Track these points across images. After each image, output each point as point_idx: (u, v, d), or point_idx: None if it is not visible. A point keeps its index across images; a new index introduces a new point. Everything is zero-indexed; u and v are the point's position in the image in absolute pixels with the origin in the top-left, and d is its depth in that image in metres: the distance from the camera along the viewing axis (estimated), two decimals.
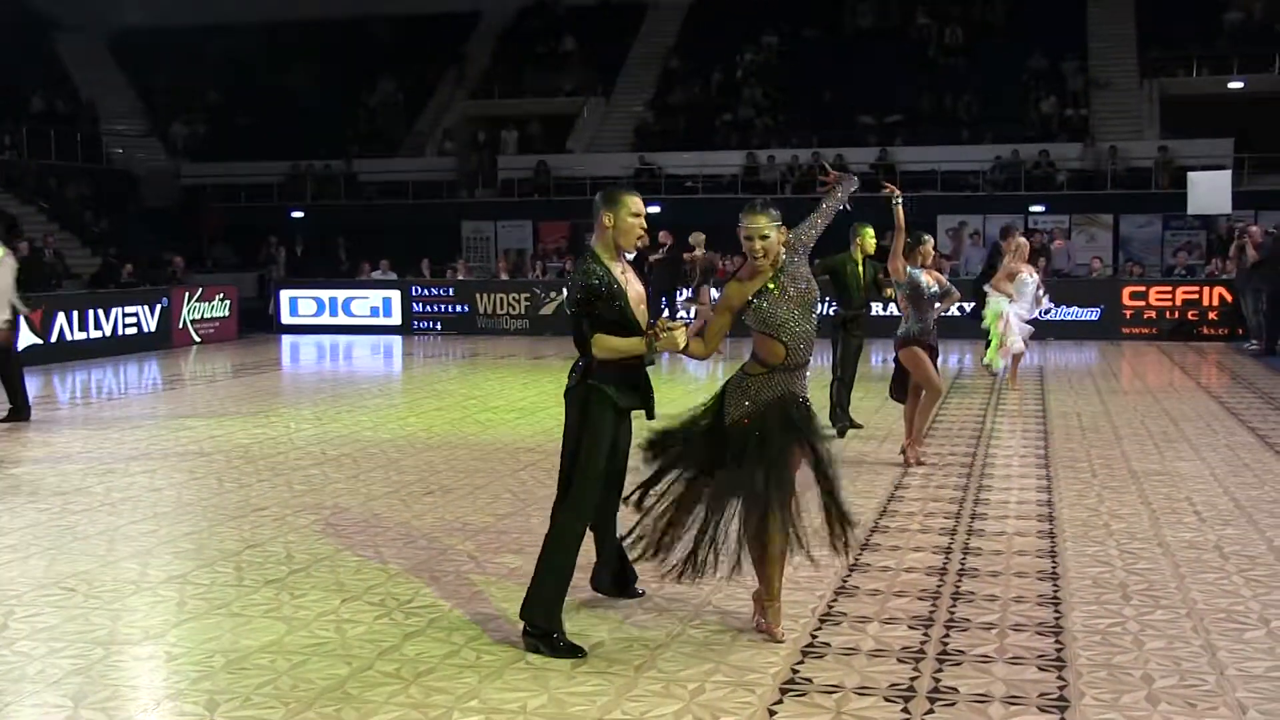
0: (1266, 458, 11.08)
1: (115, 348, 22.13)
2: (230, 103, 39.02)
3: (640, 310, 6.33)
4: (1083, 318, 23.50)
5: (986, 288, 16.67)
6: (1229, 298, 22.84)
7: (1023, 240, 16.96)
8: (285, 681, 5.70)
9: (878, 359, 18.91)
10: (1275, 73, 32.99)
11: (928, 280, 10.65)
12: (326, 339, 25.65)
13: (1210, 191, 23.19)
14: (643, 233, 6.41)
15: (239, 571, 7.61)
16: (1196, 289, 23.52)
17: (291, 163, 35.73)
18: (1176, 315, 23.27)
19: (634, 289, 6.37)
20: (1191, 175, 24.20)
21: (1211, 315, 23.17)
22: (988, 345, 16.43)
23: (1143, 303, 23.54)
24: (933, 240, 11.23)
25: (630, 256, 6.58)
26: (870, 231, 12.32)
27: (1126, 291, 23.74)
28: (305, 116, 36.94)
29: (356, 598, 7.01)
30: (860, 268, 12.33)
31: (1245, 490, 9.67)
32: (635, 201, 6.29)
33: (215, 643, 6.28)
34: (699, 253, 21.28)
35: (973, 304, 18.51)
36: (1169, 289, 23.70)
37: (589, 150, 35.33)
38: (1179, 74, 33.82)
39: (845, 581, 7.23)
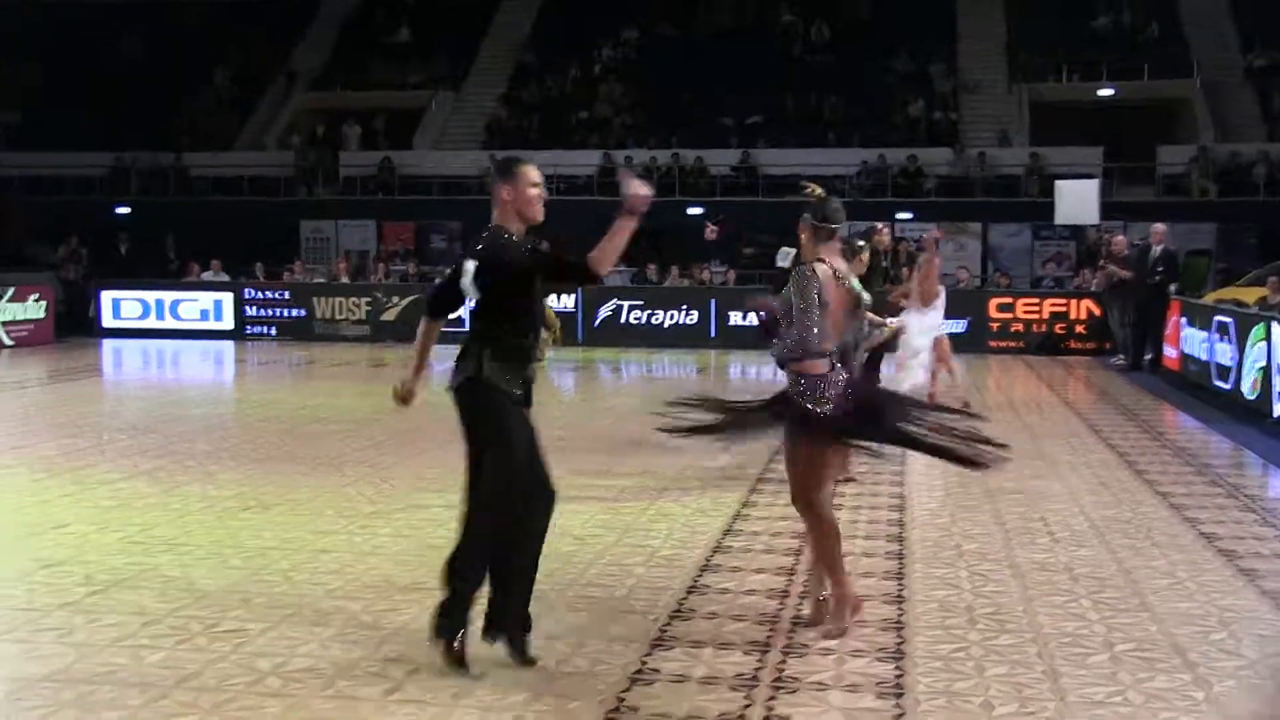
0: (1124, 476, 11.34)
1: None
2: (53, 87, 37.92)
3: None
4: (948, 330, 23.82)
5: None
6: (1097, 311, 23.39)
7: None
8: (69, 713, 5.53)
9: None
10: (1144, 80, 33.93)
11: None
12: (152, 344, 25.11)
13: (1078, 201, 23.76)
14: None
15: (30, 594, 7.37)
16: (1065, 301, 24.06)
17: (116, 155, 34.87)
18: (1044, 328, 23.78)
19: None
20: (1059, 184, 24.77)
21: (1079, 329, 23.72)
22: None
23: (1010, 315, 24.00)
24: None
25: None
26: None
27: (994, 303, 24.20)
28: (130, 106, 36.11)
29: (158, 621, 6.84)
30: None
31: (1101, 510, 9.87)
32: (532, 170, 6.19)
33: None
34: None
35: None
36: (1036, 301, 24.23)
37: (437, 147, 35.09)
38: (1049, 79, 34.64)
39: (681, 604, 7.23)
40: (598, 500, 10.00)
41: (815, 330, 6.55)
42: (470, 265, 6.25)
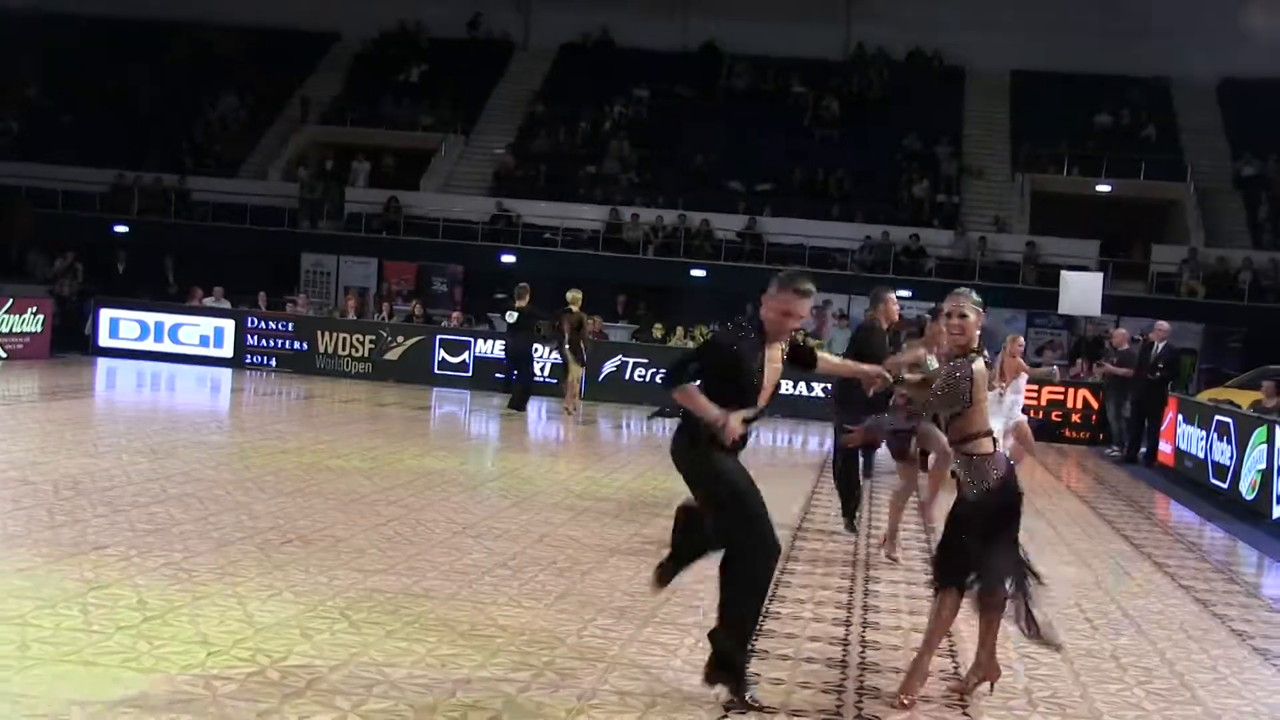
0: (1146, 568, 11.43)
1: None
2: (54, 100, 37.93)
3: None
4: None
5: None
6: (1094, 401, 23.56)
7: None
8: None
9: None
10: (1140, 179, 34.39)
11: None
12: (149, 365, 25.01)
13: (1082, 293, 23.98)
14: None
15: (86, 615, 7.34)
16: (1062, 390, 24.21)
17: (118, 172, 34.83)
18: (1041, 414, 23.89)
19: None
20: (1065, 275, 25.01)
21: (1075, 418, 23.88)
22: None
23: None
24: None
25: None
26: (893, 296, 12.04)
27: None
28: (137, 124, 36.16)
29: (224, 651, 6.82)
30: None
31: (1131, 600, 9.95)
32: (805, 304, 6.68)
33: (69, 695, 6.04)
34: (575, 309, 21.06)
35: None
36: (1035, 388, 24.35)
37: (444, 190, 35.20)
38: (1050, 170, 35.06)
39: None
40: (639, 560, 9.99)
41: None
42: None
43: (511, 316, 21.40)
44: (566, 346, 20.98)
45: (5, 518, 9.86)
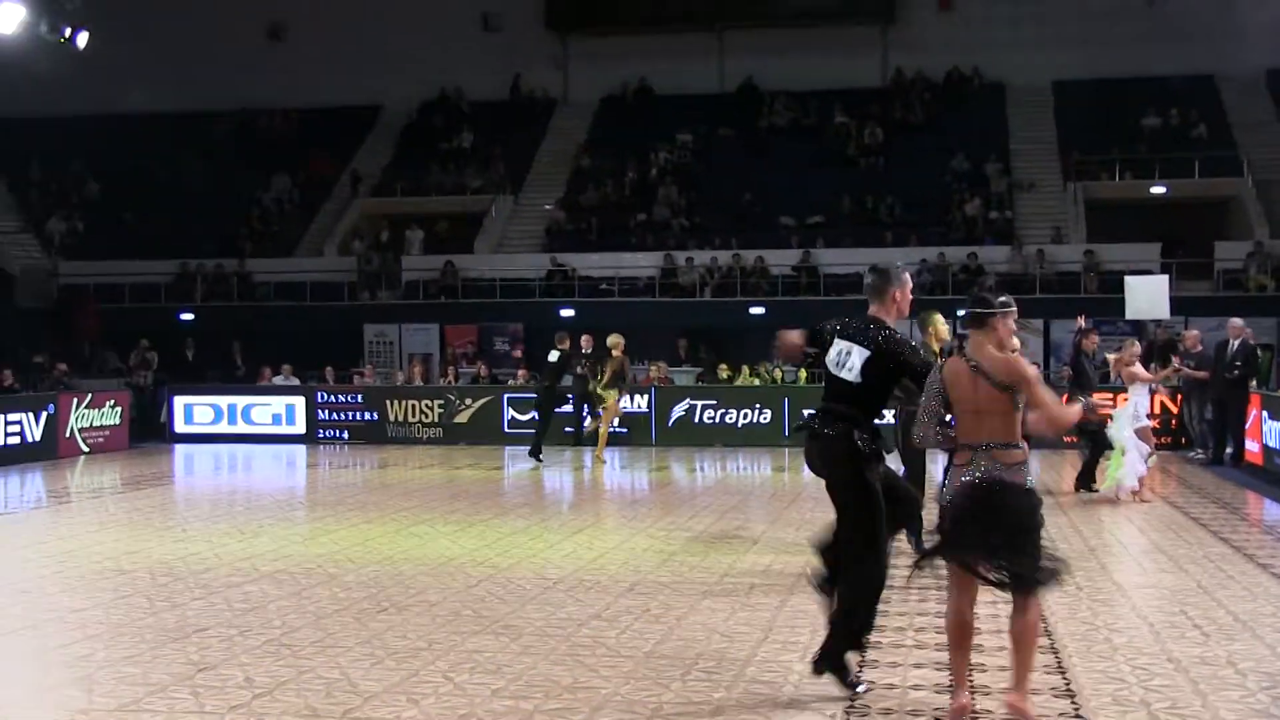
0: (1250, 570, 11.22)
1: None
2: (112, 197, 38.53)
3: None
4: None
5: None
6: (1173, 406, 23.28)
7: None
8: None
9: None
10: (1196, 178, 34.07)
11: None
12: (224, 448, 25.21)
13: (1149, 297, 23.66)
14: None
15: (197, 697, 7.38)
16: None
17: (180, 261, 35.28)
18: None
19: None
20: (1129, 280, 24.71)
21: (1154, 423, 23.52)
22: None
23: None
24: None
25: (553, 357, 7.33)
26: (940, 318, 12.04)
27: (1063, 398, 24.02)
28: (194, 212, 36.63)
29: None
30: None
31: (1239, 604, 9.76)
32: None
33: None
34: (617, 354, 21.21)
35: None
36: (1109, 395, 24.09)
37: (498, 250, 35.39)
38: (1102, 177, 34.81)
39: (854, 701, 7.18)
40: (732, 598, 9.94)
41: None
42: (859, 352, 7.28)
43: (553, 356, 21.71)
44: (604, 382, 21.18)
45: (108, 608, 9.94)
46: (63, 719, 7.00)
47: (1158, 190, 34.29)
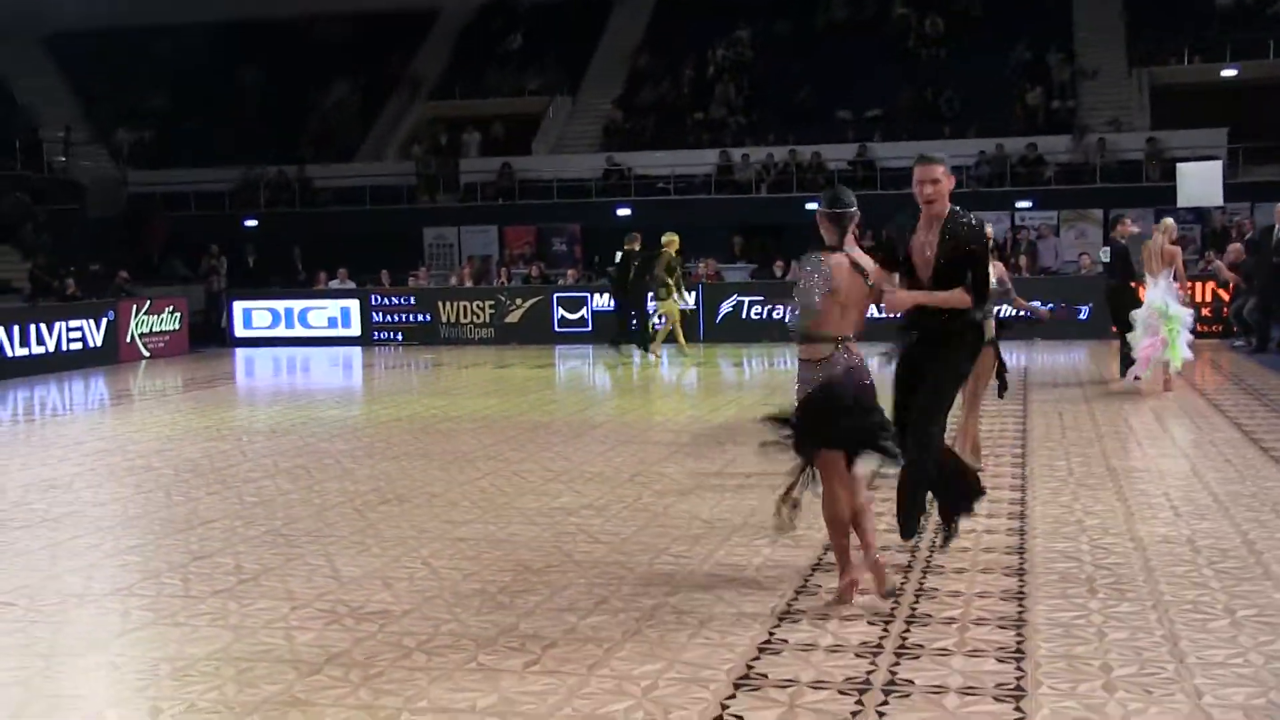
0: (1250, 453, 11.32)
1: (60, 363, 22.23)
2: (177, 107, 39.07)
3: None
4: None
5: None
6: (1224, 295, 23.11)
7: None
8: (230, 688, 5.88)
9: None
10: (1270, 59, 33.35)
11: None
12: (283, 351, 25.81)
13: (1201, 183, 23.46)
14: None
15: (185, 583, 7.78)
16: (1189, 285, 23.69)
17: (243, 169, 35.79)
18: None
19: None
20: (1181, 166, 24.48)
21: (1205, 312, 23.43)
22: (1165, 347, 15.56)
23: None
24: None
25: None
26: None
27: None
28: (256, 121, 37.09)
29: (306, 605, 7.20)
30: None
31: (1226, 485, 9.90)
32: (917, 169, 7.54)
33: (160, 652, 6.46)
34: (669, 252, 21.45)
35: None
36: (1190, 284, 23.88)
37: (555, 151, 35.54)
38: (1170, 62, 34.19)
39: (807, 581, 7.44)
40: (725, 490, 10.22)
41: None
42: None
43: (619, 256, 22.03)
44: (663, 287, 21.40)
45: (126, 502, 10.45)
46: (58, 602, 7.41)
47: (1229, 73, 33.59)
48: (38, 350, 21.99)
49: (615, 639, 6.42)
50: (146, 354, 24.49)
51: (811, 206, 7.79)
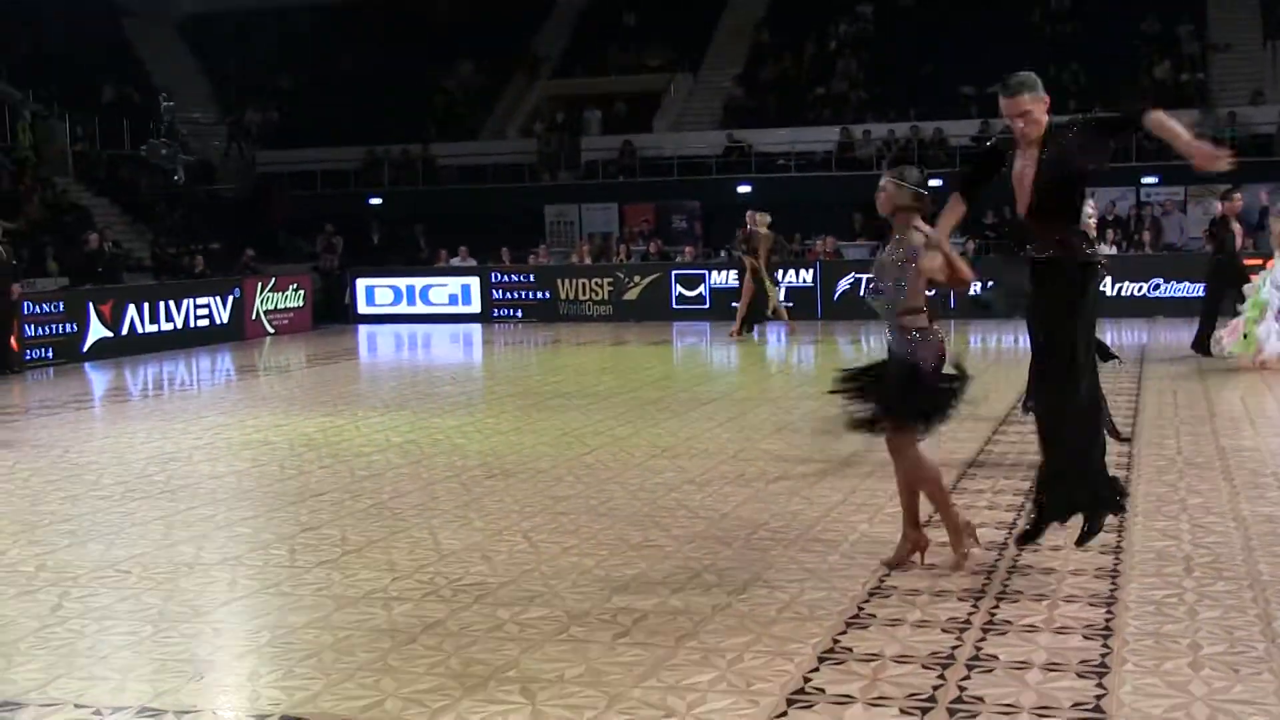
0: None
1: (187, 340, 22.81)
2: (303, 88, 39.75)
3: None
4: (1196, 294, 23.26)
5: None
6: None
7: None
8: (328, 655, 6.06)
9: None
10: None
11: None
12: (404, 328, 26.23)
13: None
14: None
15: (292, 554, 8.00)
16: None
17: (368, 148, 36.33)
18: None
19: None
20: None
21: None
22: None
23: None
24: None
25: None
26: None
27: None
28: (381, 100, 37.59)
29: (407, 577, 7.37)
30: None
31: None
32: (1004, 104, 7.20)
33: (262, 620, 6.67)
34: (762, 230, 21.53)
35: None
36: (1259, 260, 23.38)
37: (675, 129, 35.58)
38: None
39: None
40: (826, 468, 10.24)
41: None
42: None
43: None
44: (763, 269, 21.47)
45: (241, 475, 10.74)
46: (169, 570, 7.67)
47: None
48: (166, 327, 22.58)
49: (705, 613, 6.51)
50: (271, 330, 25.04)
51: (935, 183, 7.74)
